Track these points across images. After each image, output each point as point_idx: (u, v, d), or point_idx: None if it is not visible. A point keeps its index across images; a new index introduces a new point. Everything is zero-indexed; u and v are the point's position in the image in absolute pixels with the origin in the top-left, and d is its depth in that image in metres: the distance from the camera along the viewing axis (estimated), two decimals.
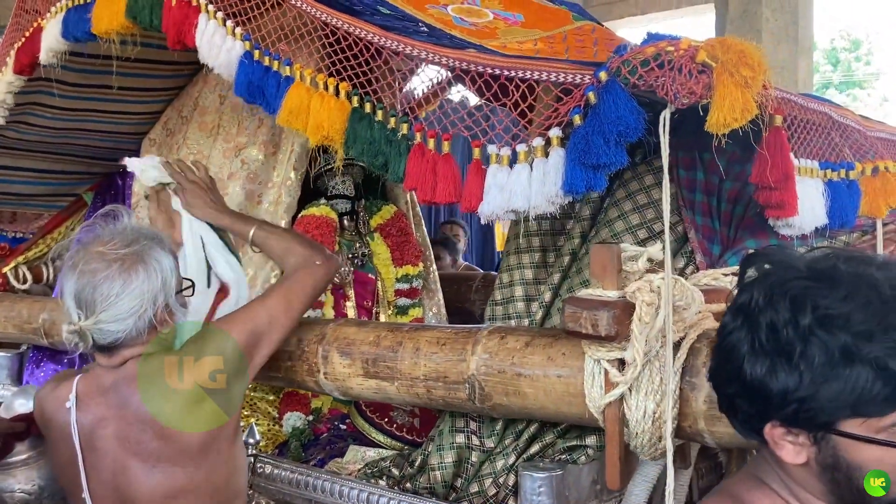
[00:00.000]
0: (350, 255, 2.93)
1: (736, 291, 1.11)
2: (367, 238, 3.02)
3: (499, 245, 6.70)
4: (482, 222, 1.59)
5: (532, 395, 1.64)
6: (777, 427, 1.07)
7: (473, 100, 2.34)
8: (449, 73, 1.90)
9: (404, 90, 2.60)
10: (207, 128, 3.04)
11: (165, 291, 1.70)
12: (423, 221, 3.30)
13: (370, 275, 2.96)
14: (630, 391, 1.46)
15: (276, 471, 2.21)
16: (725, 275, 1.72)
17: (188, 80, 3.22)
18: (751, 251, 1.48)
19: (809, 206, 1.62)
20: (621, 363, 1.46)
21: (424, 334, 1.85)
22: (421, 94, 2.83)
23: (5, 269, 3.34)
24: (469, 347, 1.75)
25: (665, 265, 1.40)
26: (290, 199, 2.85)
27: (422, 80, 2.74)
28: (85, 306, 1.65)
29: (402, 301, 2.99)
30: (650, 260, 1.46)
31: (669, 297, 1.38)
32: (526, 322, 2.10)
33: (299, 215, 2.86)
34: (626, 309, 1.40)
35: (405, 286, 2.99)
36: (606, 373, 1.47)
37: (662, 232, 1.96)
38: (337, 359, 1.97)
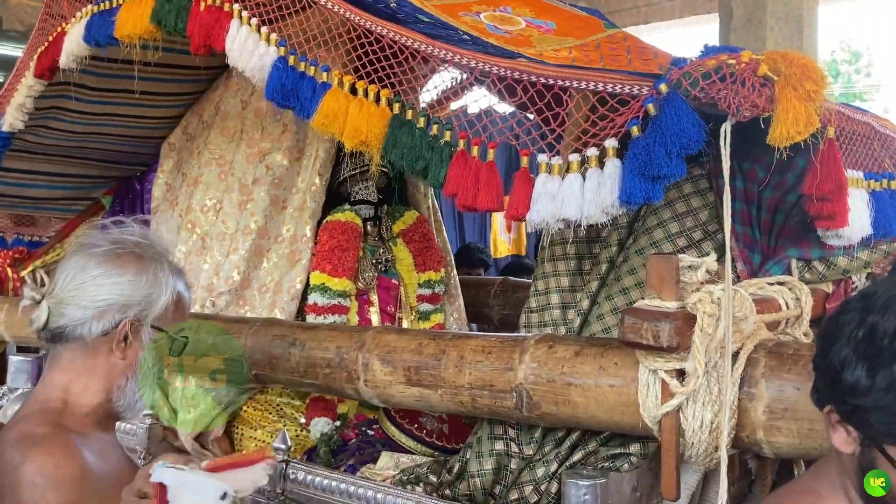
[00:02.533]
0: (374, 261, 2.93)
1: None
2: (390, 243, 3.02)
3: (494, 251, 6.70)
4: (529, 228, 1.59)
5: (583, 404, 1.64)
6: (834, 413, 1.13)
7: (503, 107, 2.35)
8: (469, 76, 1.89)
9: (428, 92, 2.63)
10: (230, 133, 3.04)
11: (142, 310, 1.54)
12: (444, 227, 3.31)
13: (394, 280, 2.96)
14: (687, 401, 1.47)
15: (308, 477, 2.20)
16: (770, 284, 1.74)
17: (208, 85, 3.22)
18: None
19: (856, 217, 1.64)
20: (678, 373, 1.47)
21: (469, 343, 1.86)
22: (436, 98, 2.84)
23: (23, 273, 3.33)
24: (516, 356, 1.75)
25: (725, 276, 1.41)
26: (315, 204, 2.85)
27: (437, 84, 2.76)
28: (61, 279, 1.53)
29: (425, 306, 3.00)
30: (708, 271, 1.46)
31: (730, 309, 1.40)
32: (562, 329, 2.10)
33: (324, 221, 2.85)
34: (686, 320, 1.41)
35: (427, 291, 3.00)
36: (663, 383, 1.48)
37: (702, 241, 1.98)
38: (378, 366, 1.97)
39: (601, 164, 1.47)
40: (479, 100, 2.38)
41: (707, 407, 1.46)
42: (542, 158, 1.54)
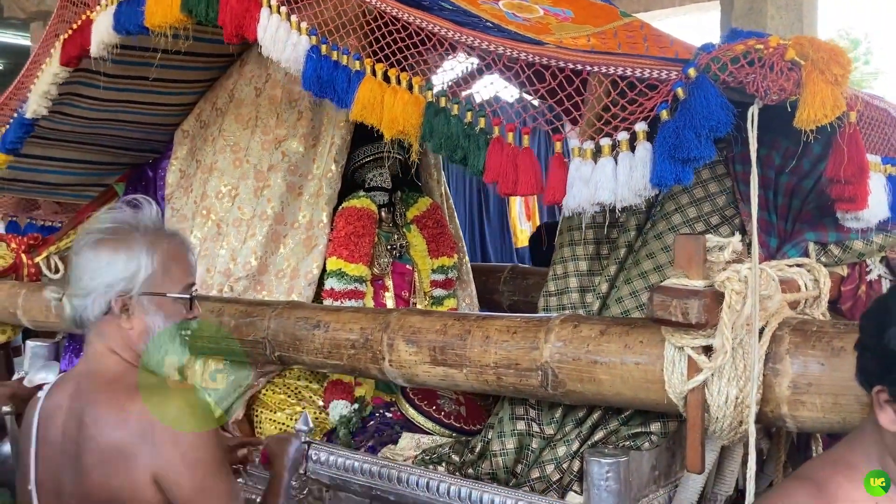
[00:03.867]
0: (389, 247, 2.97)
1: None
2: (404, 229, 3.06)
3: (516, 241, 6.71)
4: (566, 213, 1.63)
5: (608, 381, 1.69)
6: (884, 392, 1.16)
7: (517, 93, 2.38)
8: (497, 62, 1.92)
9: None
10: (244, 120, 3.07)
11: (126, 284, 1.61)
12: (455, 214, 3.35)
13: (408, 265, 3.00)
14: (712, 377, 1.51)
15: (331, 457, 2.25)
16: (790, 266, 1.78)
17: (221, 73, 3.24)
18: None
19: (876, 200, 1.68)
20: (704, 350, 1.52)
21: (494, 323, 1.90)
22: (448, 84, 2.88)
23: (38, 259, 3.35)
24: (542, 336, 1.79)
25: (752, 255, 1.45)
26: (331, 191, 2.88)
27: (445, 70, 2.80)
28: (68, 275, 1.70)
29: (438, 291, 3.04)
30: (734, 251, 1.51)
31: (756, 287, 1.44)
32: (581, 312, 2.15)
33: (340, 207, 2.89)
34: (714, 298, 1.46)
35: (441, 277, 3.04)
36: (689, 359, 1.53)
37: (719, 225, 2.02)
38: (403, 346, 2.02)
39: (632, 147, 1.51)
40: (487, 86, 2.42)
41: (732, 382, 1.50)
42: (574, 143, 1.58)
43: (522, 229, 6.40)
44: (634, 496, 1.84)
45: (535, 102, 1.79)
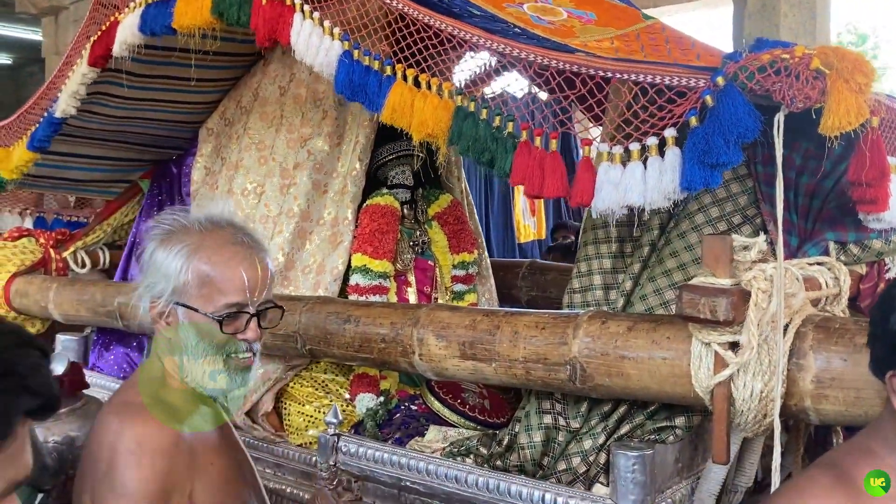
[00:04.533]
0: (411, 243, 3.03)
1: None
2: (426, 226, 3.12)
3: (519, 237, 6.76)
4: (594, 215, 1.69)
5: (636, 376, 1.76)
6: None
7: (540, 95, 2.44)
8: (528, 69, 1.98)
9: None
10: (269, 118, 3.13)
11: (162, 288, 1.56)
12: (475, 210, 3.41)
13: (430, 261, 3.07)
14: (738, 372, 1.58)
15: (360, 449, 2.31)
16: (810, 264, 1.84)
17: (245, 72, 3.31)
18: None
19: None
20: (731, 346, 1.58)
21: (522, 319, 1.96)
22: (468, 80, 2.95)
23: (65, 254, 3.43)
24: (570, 331, 1.86)
25: (777, 254, 1.52)
26: (356, 188, 2.95)
27: (468, 68, 2.86)
28: None
29: (459, 286, 3.10)
30: (759, 251, 1.57)
31: (782, 285, 1.50)
32: (605, 309, 2.21)
33: (364, 204, 2.96)
34: (741, 296, 1.52)
35: (461, 272, 3.11)
36: (716, 354, 1.59)
37: (741, 225, 2.08)
38: (433, 341, 2.08)
39: (661, 152, 1.57)
40: (514, 87, 2.46)
41: (757, 377, 1.57)
42: (603, 148, 1.64)
43: (526, 224, 6.45)
44: (659, 487, 1.90)
45: (562, 108, 1.85)
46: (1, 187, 3.37)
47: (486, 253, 3.31)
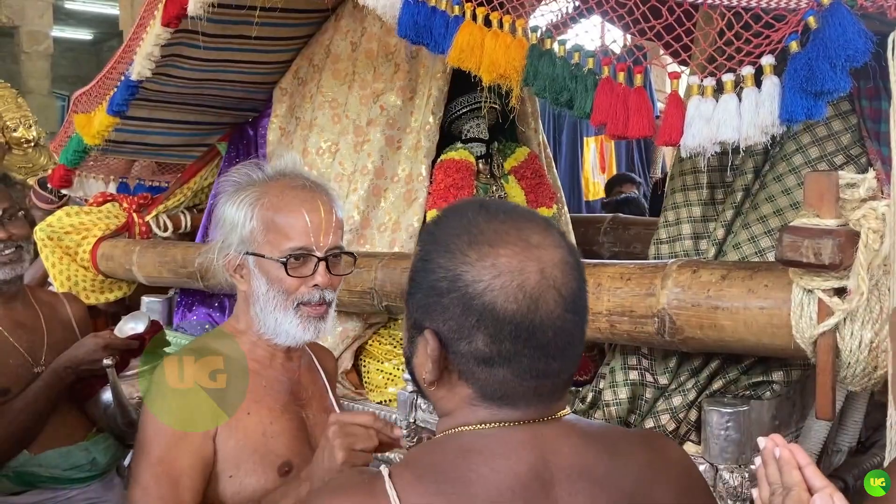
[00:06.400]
0: (487, 198, 2.95)
1: None
2: (502, 181, 3.03)
3: (587, 194, 6.60)
4: (683, 155, 1.57)
5: (730, 327, 1.64)
6: None
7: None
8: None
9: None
10: (341, 75, 3.08)
11: (229, 238, 1.55)
12: (553, 164, 3.30)
13: None
14: (845, 321, 1.45)
15: None
16: None
17: (317, 29, 3.26)
18: None
19: None
20: (837, 292, 1.45)
21: (606, 270, 1.86)
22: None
23: (148, 218, 3.48)
24: (658, 282, 1.75)
25: (892, 192, 1.37)
26: (430, 143, 2.88)
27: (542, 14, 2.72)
28: None
29: None
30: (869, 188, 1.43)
31: (895, 225, 1.36)
32: None
33: (438, 159, 2.88)
34: (849, 237, 1.39)
35: None
36: (820, 302, 1.46)
37: (844, 165, 1.93)
38: None
39: (758, 82, 1.44)
40: (589, 30, 2.33)
41: (867, 326, 1.43)
42: (693, 80, 1.52)
43: (595, 181, 6.23)
44: (755, 446, 1.79)
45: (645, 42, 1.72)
46: (85, 153, 3.42)
47: (565, 208, 3.21)
